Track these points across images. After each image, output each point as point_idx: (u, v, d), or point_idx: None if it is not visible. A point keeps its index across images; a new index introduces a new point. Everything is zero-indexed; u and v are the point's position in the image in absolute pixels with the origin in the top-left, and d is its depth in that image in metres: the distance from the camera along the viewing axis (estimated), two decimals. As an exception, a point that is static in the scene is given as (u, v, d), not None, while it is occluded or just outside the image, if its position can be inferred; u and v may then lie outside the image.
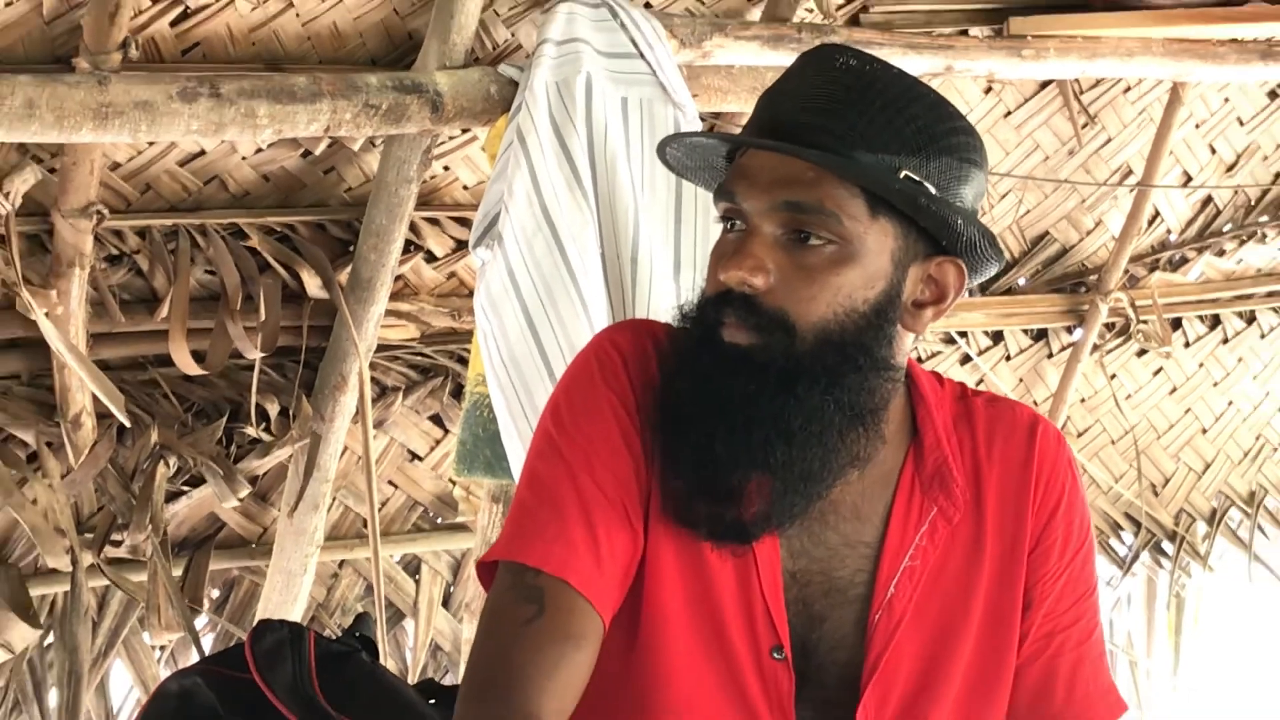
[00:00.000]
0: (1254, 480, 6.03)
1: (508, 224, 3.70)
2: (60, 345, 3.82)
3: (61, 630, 4.07)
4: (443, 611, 4.63)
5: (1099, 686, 2.40)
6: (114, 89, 3.52)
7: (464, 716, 2.11)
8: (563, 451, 2.24)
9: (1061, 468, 2.37)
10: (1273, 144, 5.63)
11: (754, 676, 2.27)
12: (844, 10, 4.54)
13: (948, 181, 2.19)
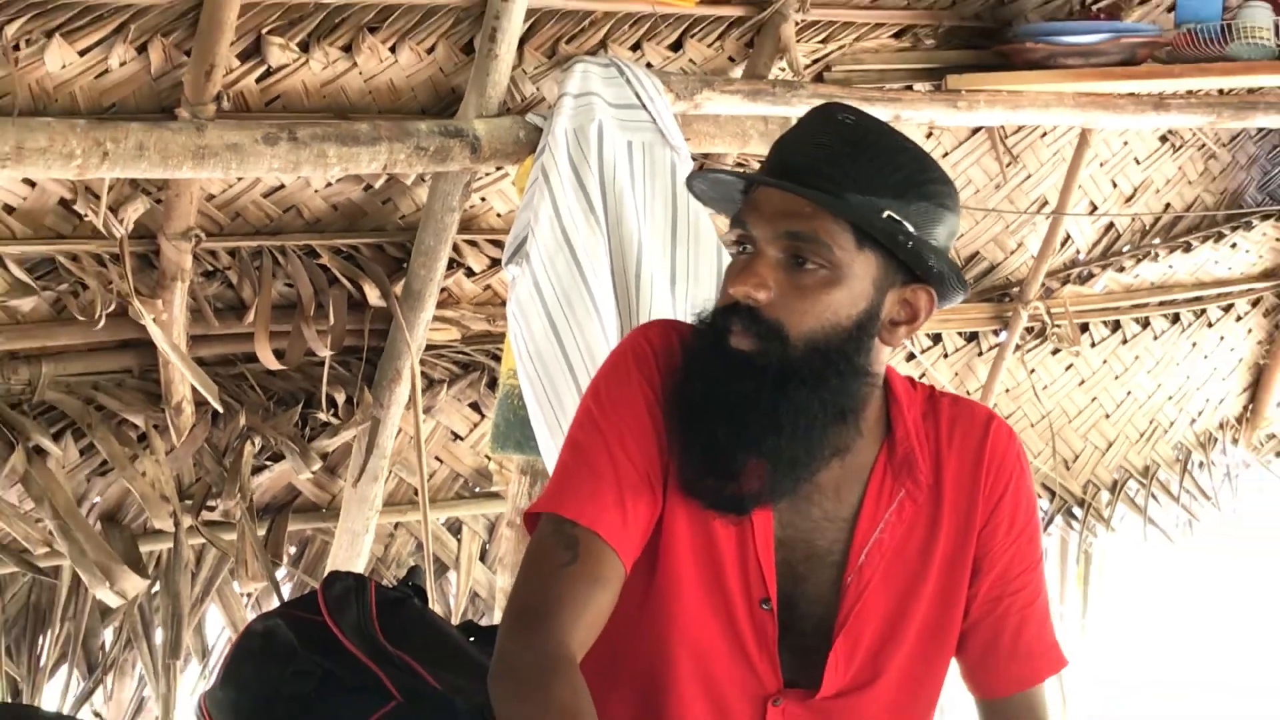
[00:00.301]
0: (1148, 457, 6.03)
1: (534, 245, 3.71)
2: (165, 345, 3.83)
3: (165, 580, 4.06)
4: (480, 565, 4.62)
5: (1042, 644, 2.41)
6: (209, 134, 3.52)
7: (505, 640, 2.16)
8: (600, 426, 2.27)
9: (1010, 459, 2.38)
10: (1163, 179, 5.64)
11: (746, 623, 2.29)
12: (810, 69, 4.53)
13: (924, 222, 2.22)
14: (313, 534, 4.35)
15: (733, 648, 2.29)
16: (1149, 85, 4.77)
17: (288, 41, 3.72)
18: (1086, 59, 4.64)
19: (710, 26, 4.36)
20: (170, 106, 3.59)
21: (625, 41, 4.22)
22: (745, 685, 2.30)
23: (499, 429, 3.96)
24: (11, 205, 3.65)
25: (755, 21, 4.38)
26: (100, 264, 3.78)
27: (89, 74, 3.53)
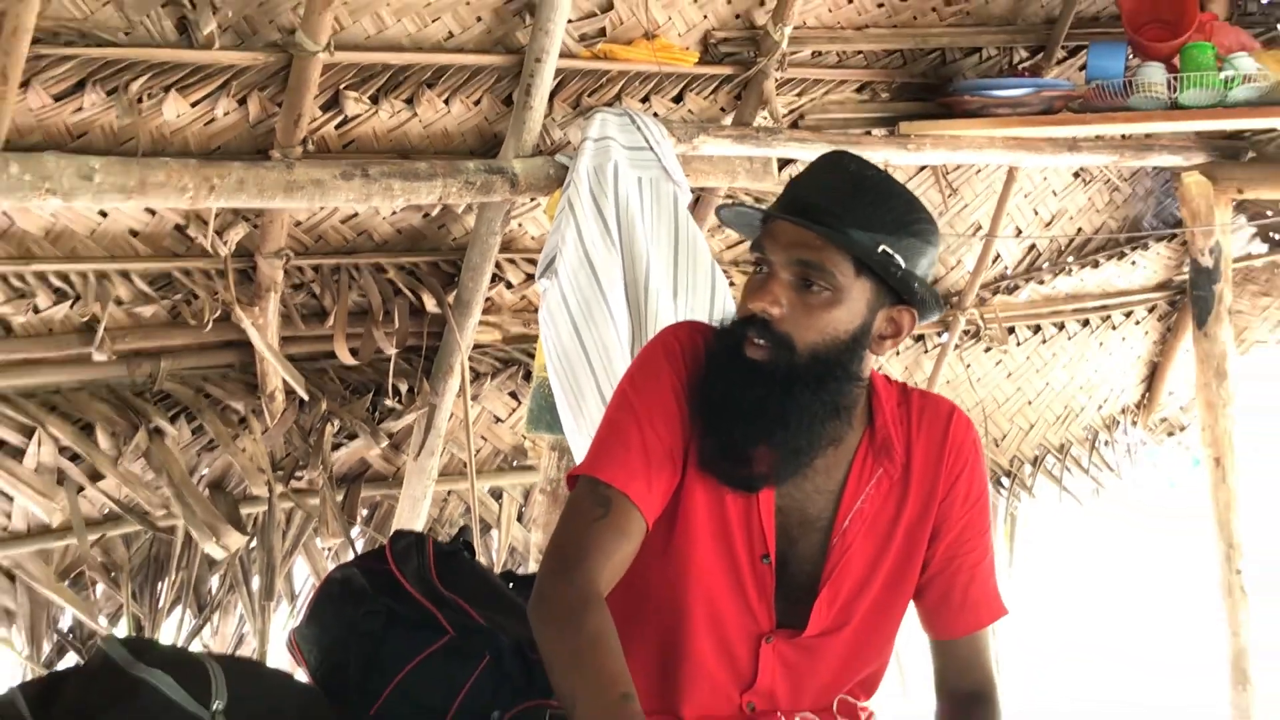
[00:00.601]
0: (1062, 436, 6.03)
1: (561, 263, 3.72)
2: (261, 345, 3.85)
3: (261, 537, 4.07)
4: (517, 525, 4.62)
5: (987, 596, 2.41)
6: (297, 171, 3.53)
7: (545, 578, 2.18)
8: (633, 407, 2.28)
9: (968, 445, 2.39)
10: (1076, 208, 5.63)
11: (749, 574, 2.30)
12: (787, 118, 4.53)
13: (912, 255, 2.23)
14: (381, 499, 4.34)
15: (736, 595, 2.30)
16: (1064, 131, 4.78)
17: (361, 95, 3.73)
18: (1013, 109, 4.65)
19: (706, 83, 4.35)
20: (265, 149, 3.61)
21: (636, 95, 4.22)
22: (745, 625, 2.31)
23: (532, 413, 3.98)
24: (136, 230, 3.66)
25: (742, 79, 4.38)
26: (208, 278, 3.79)
27: (199, 122, 3.53)
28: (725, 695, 2.33)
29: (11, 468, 3.62)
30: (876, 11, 4.66)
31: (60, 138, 3.36)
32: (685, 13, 4.24)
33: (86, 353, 3.66)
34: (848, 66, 4.67)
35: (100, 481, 3.77)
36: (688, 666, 2.32)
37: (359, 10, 3.65)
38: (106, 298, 3.63)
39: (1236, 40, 4.68)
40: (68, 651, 3.84)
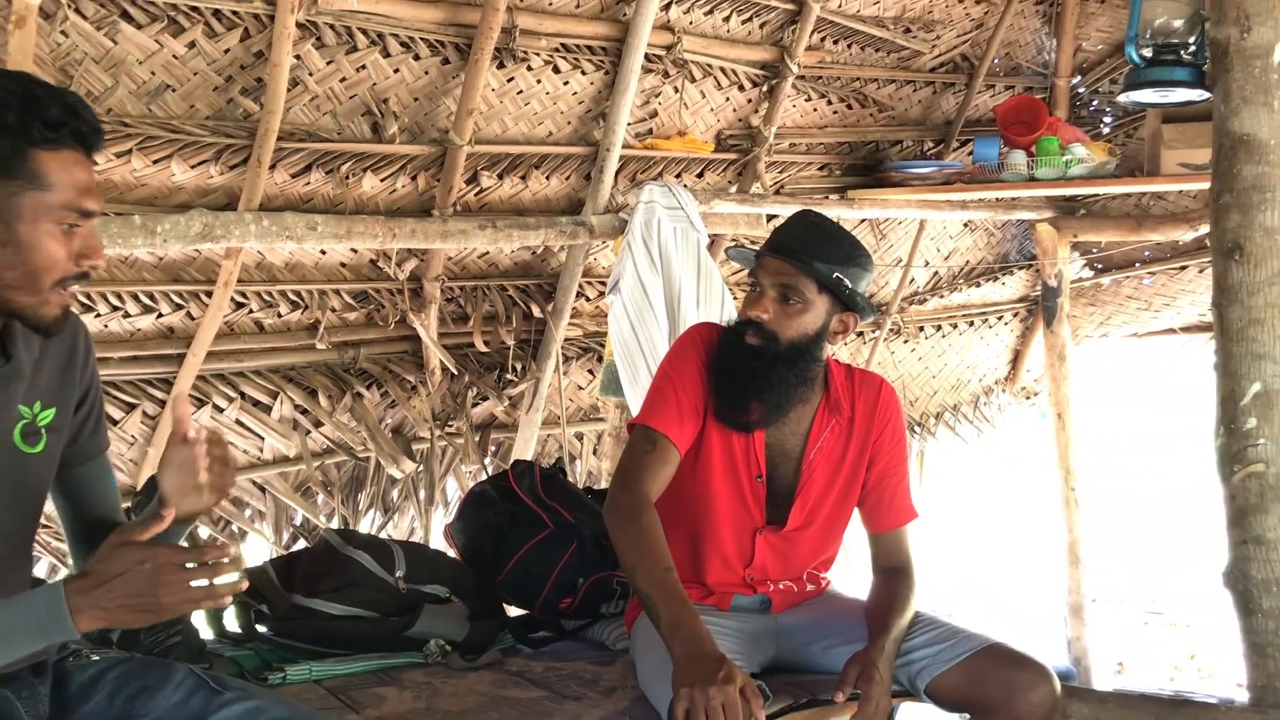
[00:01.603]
0: (955, 399, 5.98)
1: (623, 284, 3.73)
2: (426, 338, 3.85)
3: (426, 464, 4.06)
4: (593, 457, 4.60)
5: (905, 504, 2.41)
6: (450, 224, 3.55)
7: (614, 491, 2.19)
8: (671, 378, 2.28)
9: (892, 405, 2.39)
10: (965, 246, 5.59)
11: (748, 488, 2.31)
12: (772, 187, 4.51)
13: (855, 279, 2.23)
14: (503, 440, 4.33)
15: (739, 501, 2.31)
16: (958, 195, 4.75)
17: (491, 174, 3.73)
18: (923, 181, 4.63)
19: (719, 163, 4.34)
20: (429, 209, 3.61)
21: (672, 172, 4.21)
22: (745, 522, 2.32)
23: (603, 383, 3.97)
24: (344, 262, 3.66)
25: (742, 161, 4.37)
26: (391, 294, 3.78)
27: (385, 191, 3.54)
28: (733, 569, 2.34)
29: (263, 418, 3.65)
30: (832, 117, 4.63)
31: (295, 202, 3.37)
32: (704, 118, 4.23)
33: (311, 343, 3.66)
34: (813, 153, 4.64)
35: (321, 427, 3.79)
36: (708, 550, 2.33)
37: (491, 117, 3.65)
38: (325, 307, 3.65)
39: (1073, 135, 4.64)
40: (299, 539, 3.86)
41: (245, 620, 2.54)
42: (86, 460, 1.76)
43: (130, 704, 1.66)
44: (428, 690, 2.28)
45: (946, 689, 2.14)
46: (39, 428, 1.65)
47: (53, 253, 1.51)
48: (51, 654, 1.72)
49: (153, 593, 1.47)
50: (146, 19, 2.91)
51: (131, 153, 2.99)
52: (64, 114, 1.49)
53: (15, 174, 1.48)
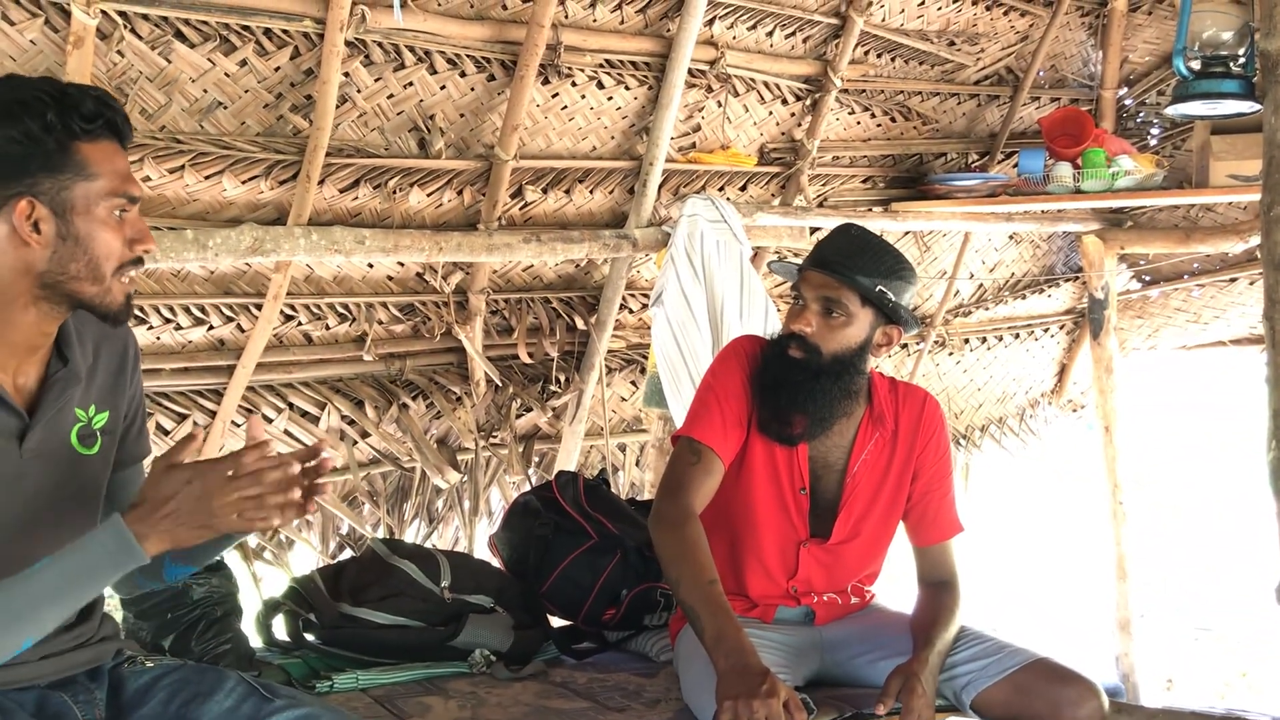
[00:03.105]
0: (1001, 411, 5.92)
1: (666, 296, 3.72)
2: (471, 349, 3.87)
3: (470, 474, 4.07)
4: (635, 468, 4.59)
5: (951, 518, 2.39)
6: (495, 238, 3.58)
7: (659, 502, 2.18)
8: (715, 390, 2.27)
9: (937, 418, 2.37)
10: (1010, 259, 5.53)
11: (791, 501, 2.30)
12: (815, 199, 4.50)
13: (898, 291, 2.22)
14: (547, 450, 4.34)
15: (782, 514, 2.30)
16: (1003, 208, 4.71)
17: (536, 188, 3.75)
18: (968, 193, 4.60)
19: (762, 176, 4.33)
20: (474, 223, 3.64)
21: (715, 186, 4.21)
22: (789, 534, 2.31)
23: (647, 395, 3.97)
24: (391, 275, 3.69)
25: (786, 174, 4.37)
26: (437, 307, 3.80)
27: (431, 206, 3.56)
28: (776, 582, 2.33)
29: (311, 428, 3.68)
30: (876, 129, 4.62)
31: (344, 216, 3.40)
32: (748, 131, 4.23)
33: (358, 355, 3.70)
34: (857, 166, 4.63)
35: (367, 438, 3.82)
36: (751, 562, 2.32)
37: (535, 132, 3.68)
38: (372, 320, 3.68)
39: (1120, 146, 4.59)
40: (345, 548, 3.89)
41: (293, 628, 2.56)
42: (129, 464, 1.81)
43: (184, 709, 1.68)
44: (473, 700, 2.29)
45: (992, 704, 2.12)
46: (94, 430, 1.69)
47: (109, 240, 1.58)
48: (107, 660, 1.75)
49: (205, 508, 1.51)
50: (199, 38, 2.96)
51: (184, 168, 3.04)
52: (98, 106, 1.56)
53: (63, 168, 1.54)
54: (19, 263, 1.54)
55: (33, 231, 1.53)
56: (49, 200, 1.53)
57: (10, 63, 2.72)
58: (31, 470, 1.61)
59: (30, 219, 1.53)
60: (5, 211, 1.52)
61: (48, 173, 1.53)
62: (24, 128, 1.51)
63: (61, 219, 1.54)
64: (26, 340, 1.60)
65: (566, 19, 3.52)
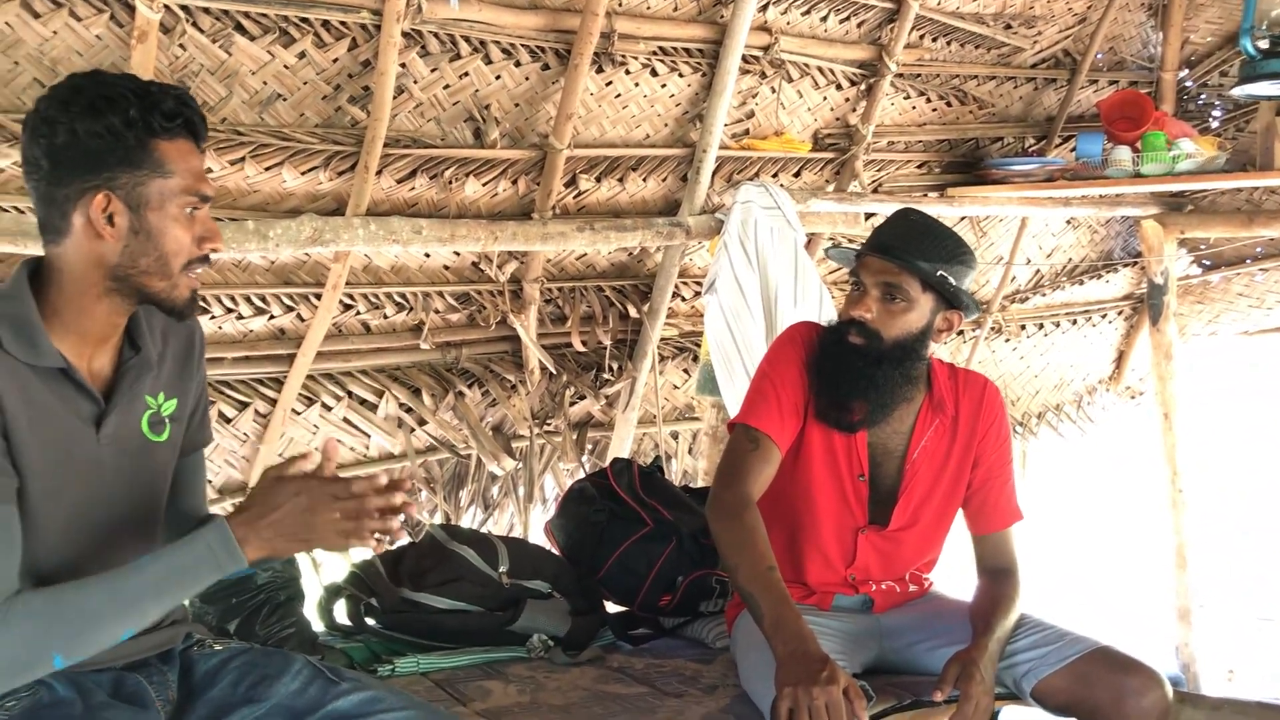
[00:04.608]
0: (1058, 398, 5.86)
1: (720, 283, 3.71)
2: (526, 338, 3.89)
3: (525, 461, 4.10)
4: (688, 456, 4.61)
5: (1011, 505, 2.35)
6: (549, 226, 3.59)
7: (717, 489, 2.17)
8: (771, 376, 2.26)
9: (997, 405, 2.34)
10: (1068, 244, 5.47)
11: (850, 488, 2.28)
12: (870, 185, 4.46)
13: (958, 276, 2.20)
14: (600, 438, 4.36)
15: (841, 501, 2.29)
16: (1060, 193, 4.65)
17: (589, 176, 3.76)
18: (1025, 178, 4.55)
19: (816, 163, 4.31)
20: (529, 212, 3.65)
21: (769, 172, 4.20)
22: (847, 522, 2.30)
23: (700, 383, 3.94)
24: (447, 265, 3.73)
25: (840, 159, 4.34)
26: (492, 296, 3.83)
27: (487, 195, 3.59)
28: (834, 569, 2.32)
29: (369, 416, 3.73)
30: (931, 114, 4.58)
31: (401, 207, 3.44)
32: (801, 117, 4.21)
33: (415, 343, 3.73)
34: (912, 151, 4.59)
35: (424, 425, 3.86)
36: (809, 549, 2.31)
37: (589, 121, 3.69)
38: (429, 309, 3.72)
39: (1180, 130, 4.52)
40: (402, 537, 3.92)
41: (354, 613, 2.59)
42: (192, 451, 1.84)
43: (252, 690, 1.71)
44: (531, 684, 2.31)
45: (1053, 692, 2.10)
46: (163, 417, 1.72)
47: (179, 237, 1.61)
48: (178, 643, 1.79)
49: (308, 523, 1.56)
50: (259, 31, 3.00)
51: (244, 160, 3.09)
52: (178, 105, 1.59)
53: (141, 164, 1.57)
54: (92, 255, 1.58)
55: (107, 224, 1.56)
56: (124, 195, 1.56)
57: (76, 57, 2.78)
58: (107, 455, 1.64)
59: (105, 212, 1.56)
60: (82, 204, 1.56)
61: (126, 168, 1.56)
62: (107, 123, 1.53)
63: (135, 214, 1.57)
64: (99, 329, 1.63)
65: (620, 6, 3.52)
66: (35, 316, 1.57)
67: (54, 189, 1.56)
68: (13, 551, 1.51)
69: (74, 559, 1.60)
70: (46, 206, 1.58)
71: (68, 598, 1.50)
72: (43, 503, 1.57)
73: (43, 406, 1.56)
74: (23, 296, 1.57)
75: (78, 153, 1.54)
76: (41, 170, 1.56)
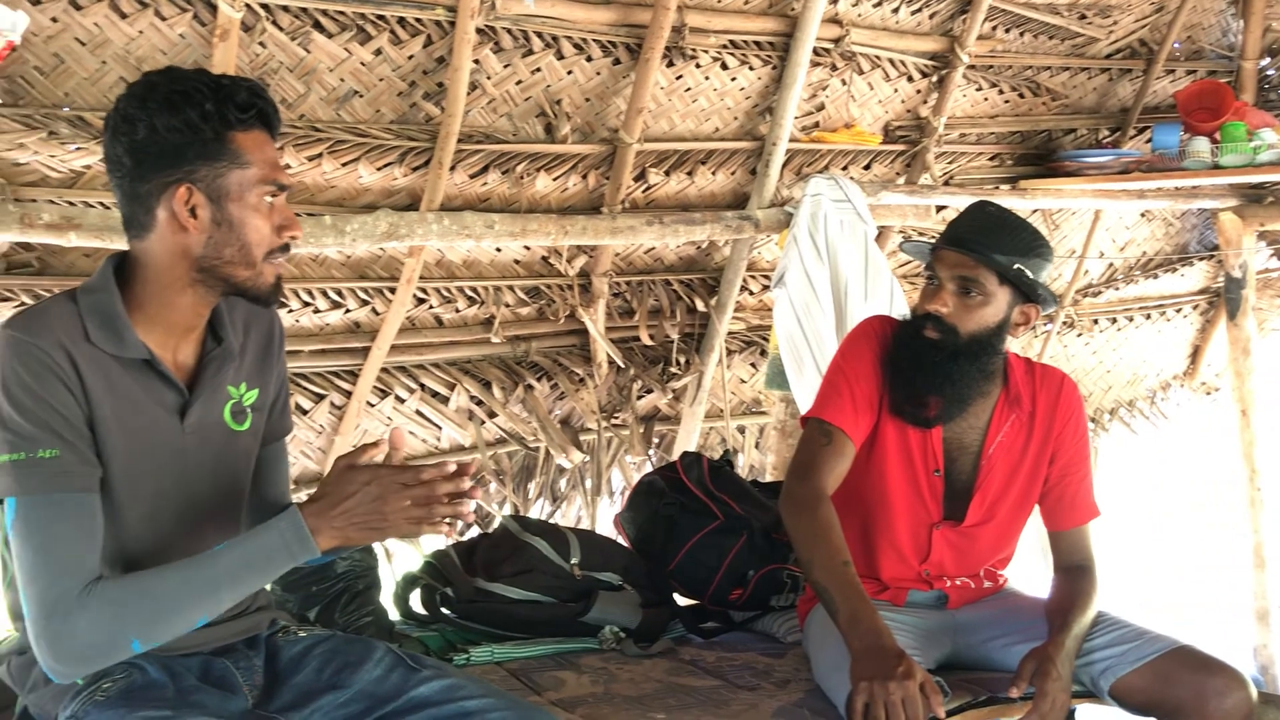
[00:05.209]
0: (1131, 394, 5.76)
1: (788, 277, 3.70)
2: (594, 332, 3.90)
3: (593, 454, 4.12)
4: (754, 450, 4.59)
5: (1087, 502, 2.33)
6: (618, 220, 3.60)
7: (791, 484, 2.17)
8: (844, 370, 2.25)
9: (1074, 400, 2.32)
10: (1142, 237, 5.36)
11: (925, 482, 2.26)
12: (941, 178, 4.41)
13: (1036, 269, 2.18)
14: (667, 432, 4.35)
15: (915, 496, 2.28)
16: (1135, 185, 4.57)
17: (659, 170, 3.75)
18: (1100, 170, 4.47)
19: (887, 155, 4.27)
20: (598, 206, 3.67)
21: (839, 165, 4.17)
22: (921, 517, 2.29)
23: (769, 377, 3.94)
24: (518, 259, 3.75)
25: (911, 152, 4.30)
26: (562, 290, 3.84)
27: (557, 190, 3.60)
28: (909, 565, 2.32)
29: (440, 408, 3.77)
30: (1003, 106, 4.52)
31: (473, 201, 3.46)
32: (872, 109, 4.18)
33: (486, 337, 3.76)
34: (984, 143, 4.53)
35: (494, 418, 3.88)
36: (883, 544, 2.30)
37: (659, 115, 3.69)
38: (500, 303, 3.74)
39: (1262, 119, 4.42)
40: (472, 526, 3.96)
41: (430, 601, 2.63)
42: (272, 441, 1.87)
43: (336, 676, 1.75)
44: (604, 675, 2.32)
45: (1132, 691, 2.07)
46: (245, 407, 1.76)
47: (259, 226, 1.64)
48: (263, 629, 1.83)
49: (379, 512, 1.57)
50: (337, 28, 3.04)
51: (322, 156, 3.13)
52: (251, 97, 1.62)
53: (220, 156, 1.60)
54: (177, 247, 1.61)
55: (190, 217, 1.60)
56: (205, 187, 1.60)
57: (160, 56, 2.84)
58: (191, 445, 1.69)
59: (188, 205, 1.60)
60: (165, 198, 1.60)
61: (205, 160, 1.59)
62: (184, 117, 1.57)
63: (216, 205, 1.61)
64: (184, 321, 1.67)
65: (691, 0, 3.52)
66: (120, 309, 1.61)
67: (137, 185, 1.60)
68: (93, 539, 1.55)
69: (157, 546, 1.65)
70: (131, 202, 1.62)
71: (144, 585, 1.54)
72: (127, 491, 1.62)
73: (127, 397, 1.61)
74: (109, 290, 1.62)
75: (158, 148, 1.57)
76: (124, 167, 1.60)
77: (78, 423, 1.55)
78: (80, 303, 1.60)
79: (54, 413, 1.52)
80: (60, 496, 1.52)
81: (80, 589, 1.50)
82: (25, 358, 1.52)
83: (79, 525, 1.53)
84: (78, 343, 1.57)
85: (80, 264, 3.03)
